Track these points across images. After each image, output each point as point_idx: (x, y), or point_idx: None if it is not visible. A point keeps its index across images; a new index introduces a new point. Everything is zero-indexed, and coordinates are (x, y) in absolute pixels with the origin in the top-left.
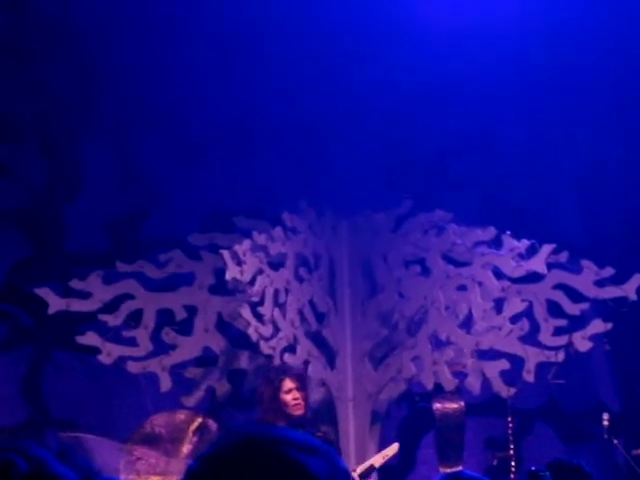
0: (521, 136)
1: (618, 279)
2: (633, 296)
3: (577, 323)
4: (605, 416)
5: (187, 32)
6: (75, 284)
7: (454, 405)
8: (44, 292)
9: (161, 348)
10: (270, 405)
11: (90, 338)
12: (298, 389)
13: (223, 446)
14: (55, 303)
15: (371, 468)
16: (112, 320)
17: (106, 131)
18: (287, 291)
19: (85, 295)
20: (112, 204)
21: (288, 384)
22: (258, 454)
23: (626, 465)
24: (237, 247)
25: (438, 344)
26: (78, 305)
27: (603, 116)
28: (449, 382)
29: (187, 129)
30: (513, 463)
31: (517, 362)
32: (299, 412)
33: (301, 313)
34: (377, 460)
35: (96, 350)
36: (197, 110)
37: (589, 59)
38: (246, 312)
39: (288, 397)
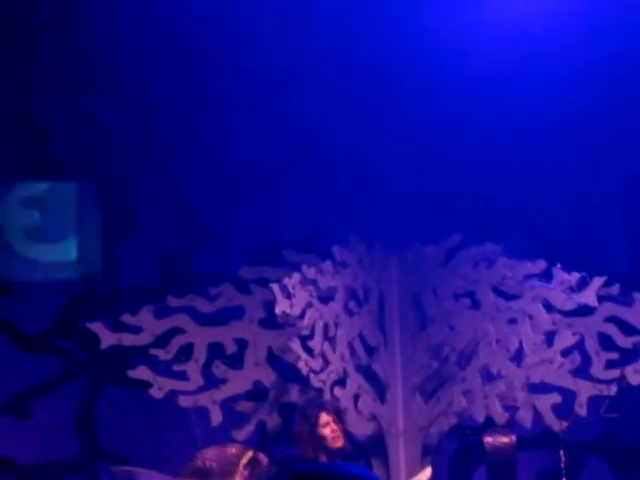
0: (570, 166)
1: None
2: None
3: (629, 356)
4: None
5: (237, 65)
6: (126, 319)
7: (505, 439)
8: (96, 327)
9: (212, 382)
10: (309, 440)
11: (141, 372)
12: (335, 422)
13: None
14: (107, 338)
15: None
16: (163, 354)
17: (155, 165)
18: (337, 325)
19: (136, 330)
20: (162, 239)
21: (325, 418)
22: None
23: None
24: (287, 281)
25: (489, 377)
26: (129, 339)
27: None
28: (500, 416)
29: (236, 163)
30: None
31: (569, 396)
32: (338, 444)
33: (351, 347)
34: None
35: (147, 384)
36: (247, 143)
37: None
38: (296, 346)
39: (326, 431)
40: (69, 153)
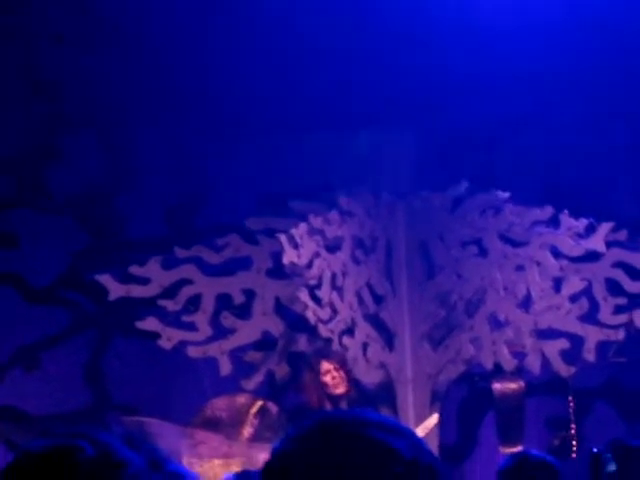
0: (577, 112)
1: None
2: None
3: (637, 301)
4: None
5: (240, 13)
6: (134, 270)
7: (514, 385)
8: (105, 279)
9: (220, 332)
10: (312, 388)
11: (150, 323)
12: (336, 369)
13: (308, 428)
14: (115, 289)
15: None
16: (171, 305)
17: (161, 118)
18: (344, 274)
19: (144, 281)
20: (169, 190)
21: (325, 366)
22: (344, 435)
23: None
24: (294, 231)
25: (497, 324)
26: (138, 291)
27: None
28: (508, 362)
29: (242, 113)
30: (574, 442)
31: (577, 341)
32: (339, 390)
33: (359, 296)
34: (418, 433)
35: (156, 335)
36: (253, 95)
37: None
38: (304, 295)
39: (327, 378)
40: (75, 107)
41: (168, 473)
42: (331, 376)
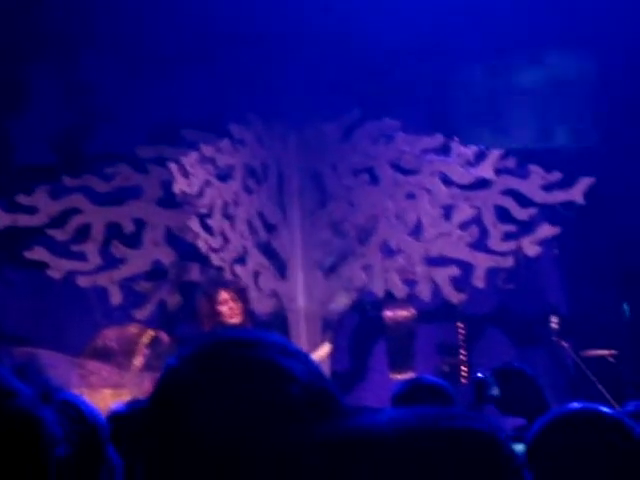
0: (469, 40)
1: (565, 183)
2: (580, 200)
3: (526, 228)
4: (554, 319)
5: None
6: (22, 199)
7: (405, 312)
8: None
9: (110, 262)
10: (207, 317)
11: (38, 253)
12: (233, 299)
13: (201, 346)
14: (2, 219)
15: None
16: (60, 235)
17: (51, 44)
18: (236, 203)
19: (32, 210)
20: (58, 118)
21: (223, 295)
22: (236, 353)
23: (575, 366)
24: (185, 159)
25: (388, 252)
26: (25, 220)
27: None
28: (400, 290)
29: (134, 41)
30: (464, 368)
31: (467, 268)
32: (234, 320)
33: (250, 224)
34: None
35: (45, 265)
36: (145, 22)
37: None
38: (195, 224)
39: (223, 308)
40: None
41: (58, 403)
42: (228, 306)
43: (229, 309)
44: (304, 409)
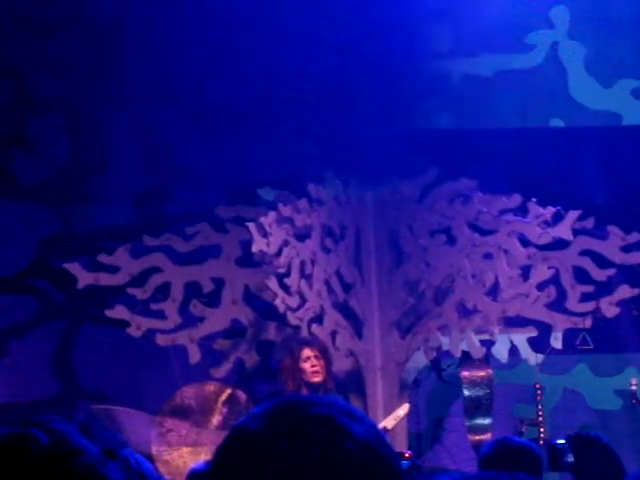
0: (544, 101)
1: None
2: None
3: (604, 289)
4: (634, 381)
5: (205, 3)
6: (103, 258)
7: (482, 373)
8: (73, 267)
9: (189, 320)
10: (290, 374)
11: (119, 312)
12: (316, 357)
13: (267, 406)
14: (84, 278)
15: (383, 430)
16: (140, 293)
17: (131, 104)
18: (313, 262)
19: (113, 269)
20: (138, 178)
21: (306, 352)
22: (302, 414)
23: None
24: (263, 219)
25: (465, 312)
26: (107, 279)
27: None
28: (477, 350)
29: (212, 100)
30: (542, 429)
31: (545, 329)
32: (317, 379)
33: (328, 284)
34: (389, 422)
35: (125, 323)
36: (221, 81)
37: None
38: (273, 284)
39: (306, 365)
40: (42, 92)
41: (122, 460)
42: (311, 363)
43: (312, 366)
44: (362, 469)
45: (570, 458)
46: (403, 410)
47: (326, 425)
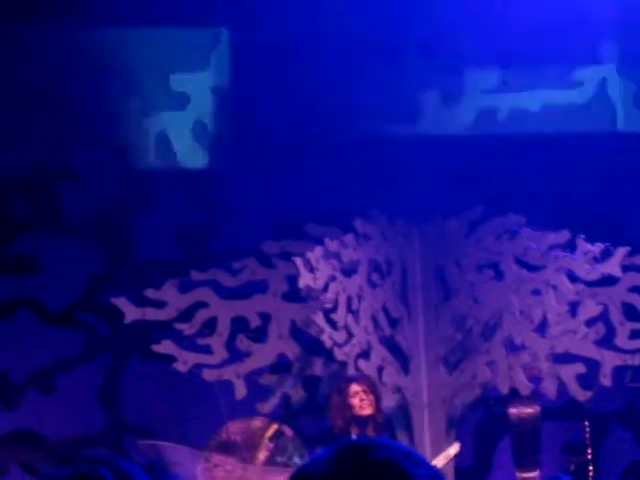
0: (592, 136)
1: None
2: None
3: None
4: None
5: (256, 35)
6: (150, 293)
7: (530, 410)
8: (120, 302)
9: (236, 356)
10: (339, 410)
11: (166, 346)
12: (365, 392)
13: (332, 450)
14: (131, 312)
15: None
16: (187, 328)
17: None
18: (360, 297)
19: (160, 304)
20: (185, 213)
21: (354, 388)
22: (365, 457)
23: None
24: (310, 254)
25: (513, 348)
26: (154, 314)
27: None
28: (525, 386)
29: (257, 135)
30: (591, 468)
31: (593, 366)
32: (365, 412)
33: (374, 319)
34: (440, 461)
35: (172, 358)
36: (266, 116)
37: None
38: (319, 319)
39: (355, 400)
40: (88, 127)
41: None
42: (359, 398)
43: (360, 401)
44: None
45: None
46: (454, 449)
47: (390, 469)
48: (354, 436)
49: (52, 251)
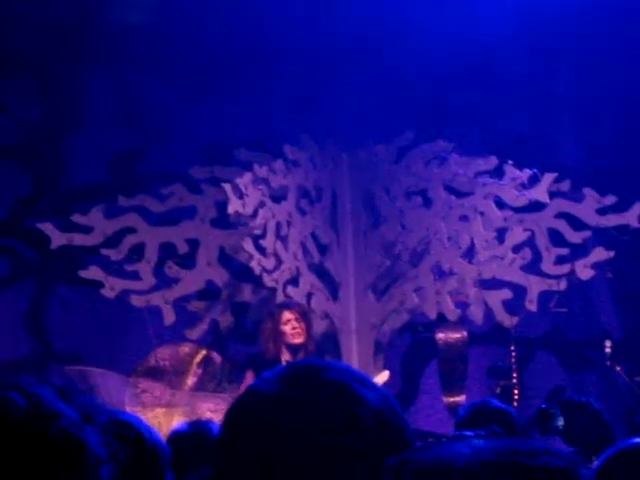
0: (519, 64)
1: (620, 207)
2: (635, 223)
3: (579, 251)
4: (607, 343)
5: None
6: (77, 219)
7: (457, 335)
8: (46, 227)
9: (164, 282)
10: (271, 337)
11: (93, 272)
12: (297, 320)
13: (283, 370)
14: (57, 238)
15: None
16: (114, 254)
17: (105, 64)
18: (289, 224)
19: (87, 230)
20: (113, 138)
21: (287, 315)
22: (319, 379)
23: (628, 391)
24: (239, 180)
25: (441, 274)
26: (80, 239)
27: (599, 34)
28: (452, 312)
29: (187, 61)
30: (516, 391)
31: (519, 291)
32: (297, 340)
33: (303, 245)
34: None
35: (99, 284)
36: (197, 42)
37: None
38: (248, 245)
39: (287, 327)
40: (13, 50)
41: (100, 424)
42: (291, 326)
43: (292, 328)
44: (374, 436)
45: (560, 423)
46: (382, 377)
47: (340, 391)
48: (284, 363)
49: None
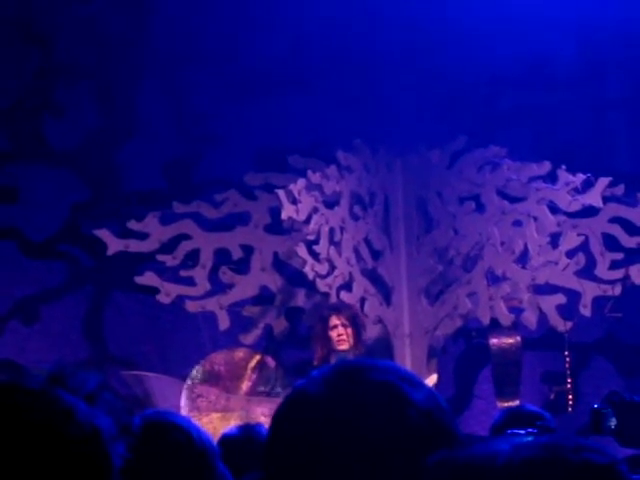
0: (571, 67)
1: None
2: None
3: (633, 256)
4: None
5: None
6: (133, 225)
7: (511, 340)
8: (103, 233)
9: (219, 287)
10: (319, 341)
11: (149, 278)
12: (343, 325)
13: (330, 370)
14: (113, 244)
15: None
16: (170, 260)
17: (160, 71)
18: (342, 229)
19: (143, 236)
20: (167, 144)
21: (334, 321)
22: (364, 379)
23: None
24: (292, 186)
25: (494, 280)
26: (136, 246)
27: None
28: (505, 317)
29: (241, 67)
30: (570, 397)
31: (574, 296)
32: (342, 347)
33: (356, 251)
34: None
35: (155, 290)
36: (251, 48)
37: None
38: (302, 251)
39: (333, 333)
40: (71, 59)
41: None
42: (337, 332)
43: (337, 335)
44: (422, 436)
45: (612, 422)
46: (431, 380)
47: (387, 391)
48: None
49: (35, 182)
